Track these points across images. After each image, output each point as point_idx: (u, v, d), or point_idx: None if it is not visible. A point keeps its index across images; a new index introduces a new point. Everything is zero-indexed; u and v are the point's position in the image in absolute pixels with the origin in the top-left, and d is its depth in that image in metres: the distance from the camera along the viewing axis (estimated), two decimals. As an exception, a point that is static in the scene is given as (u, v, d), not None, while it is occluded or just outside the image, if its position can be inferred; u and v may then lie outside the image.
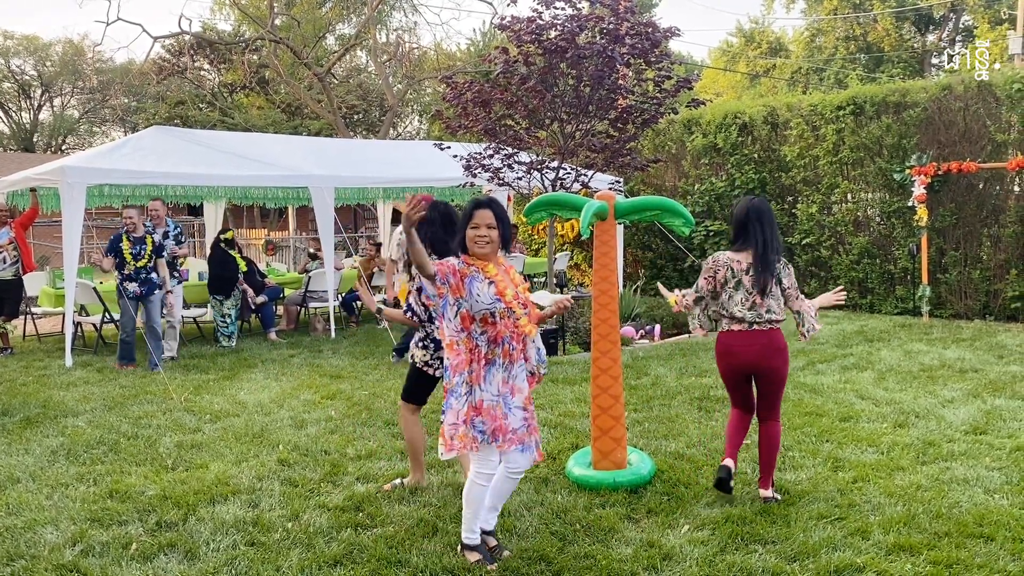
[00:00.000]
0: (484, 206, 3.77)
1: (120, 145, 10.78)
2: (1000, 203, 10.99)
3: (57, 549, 4.00)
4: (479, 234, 3.74)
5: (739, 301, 4.44)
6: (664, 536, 4.03)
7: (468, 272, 3.72)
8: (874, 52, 34.13)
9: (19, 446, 5.77)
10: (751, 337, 4.44)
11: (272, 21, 22.89)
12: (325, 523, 4.26)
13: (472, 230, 3.75)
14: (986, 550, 3.83)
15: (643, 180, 14.37)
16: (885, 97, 11.65)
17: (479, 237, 3.74)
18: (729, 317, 4.48)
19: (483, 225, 3.74)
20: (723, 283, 4.50)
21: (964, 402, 6.51)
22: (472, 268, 3.74)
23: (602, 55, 8.94)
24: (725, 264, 4.49)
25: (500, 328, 3.76)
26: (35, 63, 38.13)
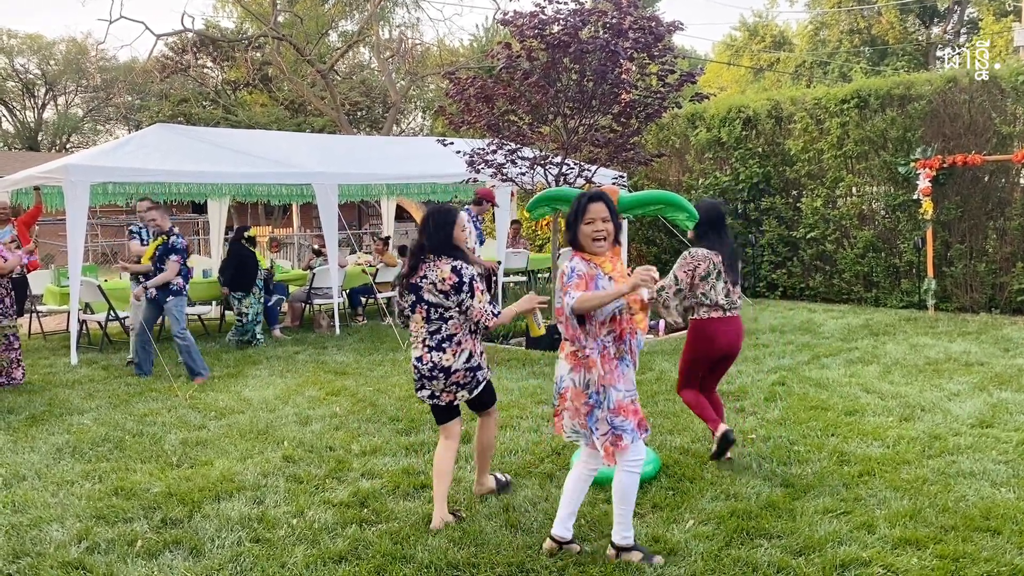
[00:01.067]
0: (596, 199, 3.65)
1: (124, 143, 10.79)
2: (1006, 196, 10.94)
3: (63, 546, 4.01)
4: (596, 229, 3.62)
5: (720, 290, 4.93)
6: (669, 531, 4.02)
7: (593, 273, 3.61)
8: (878, 45, 34.01)
9: (25, 444, 5.79)
10: (728, 322, 4.94)
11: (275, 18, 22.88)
12: (330, 519, 4.26)
13: (587, 225, 3.62)
14: (993, 544, 3.81)
15: (647, 175, 14.34)
16: (890, 90, 11.60)
17: (596, 232, 3.62)
18: (709, 305, 4.92)
19: (598, 219, 3.63)
20: (703, 276, 4.92)
21: (970, 395, 6.49)
22: (594, 267, 3.63)
23: (605, 50, 8.91)
24: (705, 259, 4.92)
25: (624, 325, 3.67)
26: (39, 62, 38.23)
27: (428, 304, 4.13)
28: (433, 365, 4.15)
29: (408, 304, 4.22)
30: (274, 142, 12.53)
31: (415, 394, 4.36)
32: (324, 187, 10.59)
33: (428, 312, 4.14)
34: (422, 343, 4.19)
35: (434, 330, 4.15)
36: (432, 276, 4.11)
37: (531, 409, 6.41)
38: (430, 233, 4.16)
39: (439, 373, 4.16)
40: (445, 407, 4.31)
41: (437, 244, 4.14)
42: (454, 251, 4.16)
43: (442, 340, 4.14)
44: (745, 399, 6.56)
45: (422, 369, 4.19)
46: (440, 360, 4.14)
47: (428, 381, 4.20)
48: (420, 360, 4.19)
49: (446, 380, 4.17)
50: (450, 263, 4.11)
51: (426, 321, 4.16)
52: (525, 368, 8.02)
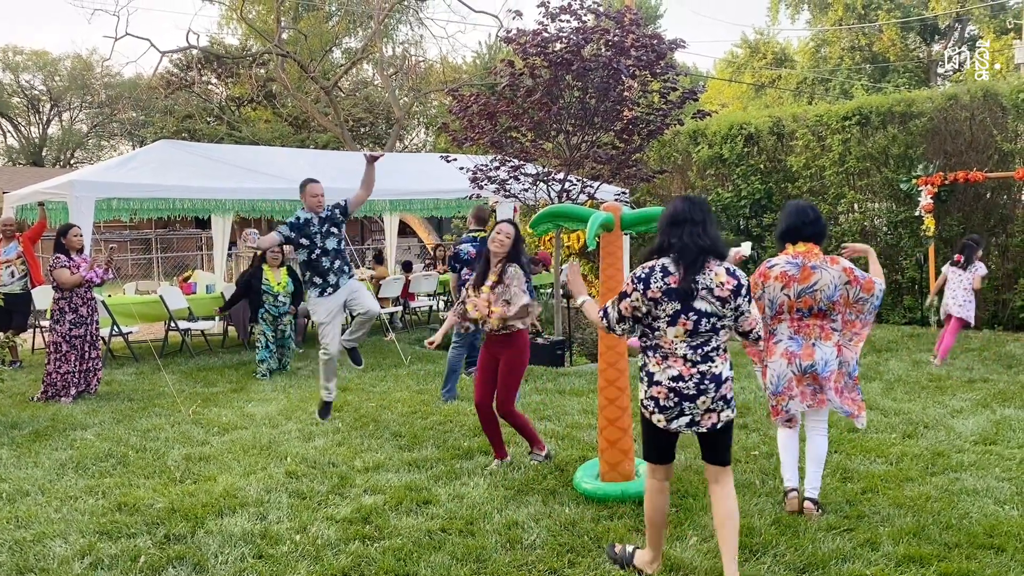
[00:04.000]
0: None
1: (128, 159, 10.85)
2: (1007, 213, 10.97)
3: (66, 562, 4.01)
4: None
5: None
6: (673, 548, 4.02)
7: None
8: (879, 62, 34.13)
9: (28, 459, 5.79)
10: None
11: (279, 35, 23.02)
12: (333, 535, 4.26)
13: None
14: (997, 561, 3.81)
15: (649, 191, 14.39)
16: (891, 107, 11.66)
17: None
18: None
19: None
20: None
21: (973, 412, 6.48)
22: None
23: (608, 67, 8.97)
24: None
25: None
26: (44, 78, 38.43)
27: (699, 313, 3.51)
28: (701, 376, 3.52)
29: (667, 314, 3.53)
30: (278, 158, 12.59)
31: (664, 426, 3.59)
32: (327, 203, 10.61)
33: (696, 323, 3.51)
34: (681, 359, 3.54)
35: (700, 343, 3.54)
36: (705, 281, 3.53)
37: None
38: (704, 230, 3.58)
39: (710, 383, 3.53)
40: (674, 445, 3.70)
41: (712, 244, 3.57)
42: (723, 251, 3.62)
43: (710, 351, 3.55)
44: (748, 416, 6.55)
45: (684, 388, 3.52)
46: (710, 369, 3.54)
47: (690, 402, 3.53)
48: (679, 378, 3.53)
49: (716, 391, 3.53)
50: (723, 265, 3.60)
51: (690, 335, 3.53)
52: (528, 383, 8.02)
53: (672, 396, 3.54)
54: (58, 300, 7.82)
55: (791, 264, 4.40)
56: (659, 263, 3.56)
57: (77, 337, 7.82)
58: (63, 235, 7.89)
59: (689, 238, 3.52)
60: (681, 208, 3.62)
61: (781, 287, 4.40)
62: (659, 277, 3.52)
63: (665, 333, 3.54)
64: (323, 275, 6.51)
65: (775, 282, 4.42)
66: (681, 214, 3.59)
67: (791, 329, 4.45)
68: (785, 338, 4.45)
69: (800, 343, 4.42)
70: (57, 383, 7.77)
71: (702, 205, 3.65)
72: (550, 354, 8.93)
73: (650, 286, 3.51)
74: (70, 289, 7.76)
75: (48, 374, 7.81)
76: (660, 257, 3.59)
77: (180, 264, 23.22)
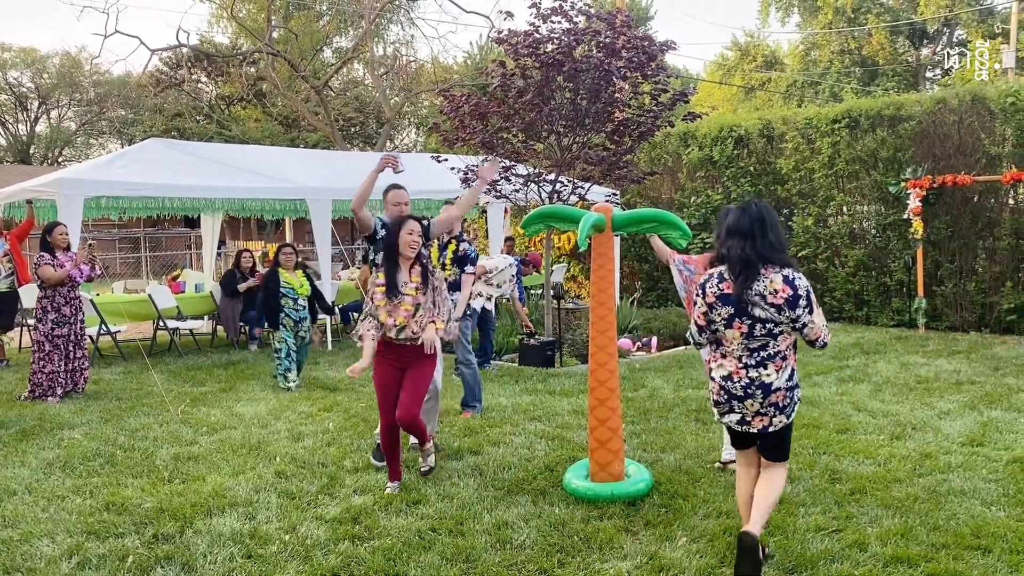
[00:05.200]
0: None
1: (117, 157, 10.80)
2: (995, 216, 11.04)
3: (54, 562, 3.98)
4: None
5: None
6: (662, 548, 4.03)
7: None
8: (869, 66, 34.31)
9: (15, 458, 5.76)
10: None
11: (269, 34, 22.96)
12: (322, 535, 4.25)
13: None
14: (983, 562, 3.83)
15: (639, 192, 14.41)
16: (880, 110, 11.72)
17: None
18: None
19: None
20: None
21: (960, 414, 6.52)
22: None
23: (599, 68, 8.98)
24: None
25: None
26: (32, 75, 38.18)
27: (753, 318, 3.62)
28: (750, 382, 3.66)
29: (722, 318, 3.69)
30: (268, 157, 12.55)
31: (718, 419, 3.85)
32: (318, 202, 10.61)
33: (752, 327, 3.64)
34: (736, 360, 3.70)
35: (757, 347, 3.66)
36: (759, 288, 3.60)
37: (524, 425, 6.41)
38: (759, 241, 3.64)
39: (757, 390, 3.65)
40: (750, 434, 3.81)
41: (765, 253, 3.63)
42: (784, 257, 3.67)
43: (767, 357, 3.65)
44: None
45: (732, 388, 3.71)
46: (759, 376, 3.65)
47: (739, 402, 3.70)
48: (730, 379, 3.72)
49: (764, 398, 3.65)
50: (780, 272, 3.61)
51: (746, 337, 3.65)
52: (518, 384, 8.03)
53: (722, 393, 3.75)
54: (41, 299, 7.78)
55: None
56: (717, 270, 3.76)
57: (60, 336, 7.77)
58: (48, 233, 7.84)
59: (739, 250, 3.63)
60: (734, 219, 3.73)
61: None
62: (715, 283, 3.72)
63: (725, 335, 3.73)
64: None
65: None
66: (734, 225, 3.70)
67: None
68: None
69: None
70: (43, 383, 7.73)
71: (758, 215, 3.69)
72: (540, 355, 8.93)
73: (707, 291, 3.74)
74: (53, 287, 7.71)
75: (33, 373, 7.77)
76: (720, 265, 3.77)
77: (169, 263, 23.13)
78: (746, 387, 3.67)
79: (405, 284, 4.87)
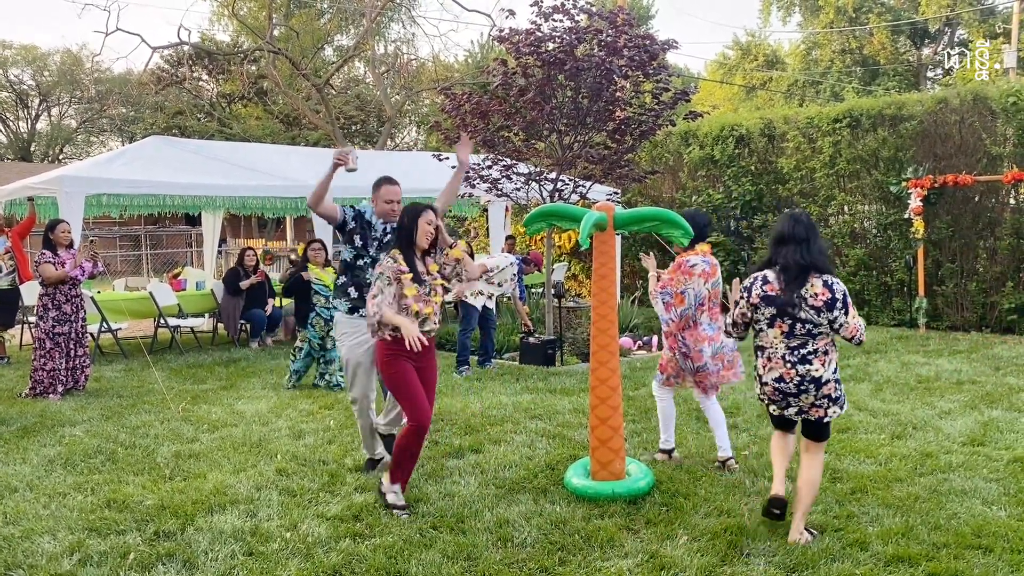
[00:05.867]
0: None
1: (118, 155, 10.80)
2: (996, 215, 11.04)
3: (55, 559, 3.99)
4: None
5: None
6: (663, 547, 4.03)
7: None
8: (870, 65, 34.29)
9: (16, 455, 5.76)
10: None
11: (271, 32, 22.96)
12: (324, 533, 4.25)
13: None
14: (984, 561, 3.83)
15: (640, 192, 14.41)
16: (881, 110, 11.72)
17: None
18: None
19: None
20: None
21: (961, 414, 6.53)
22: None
23: (600, 67, 8.98)
24: None
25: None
26: (33, 73, 38.16)
27: (794, 319, 3.92)
28: (801, 379, 3.94)
29: (765, 318, 4.00)
30: (268, 155, 12.55)
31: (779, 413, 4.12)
32: (319, 201, 10.59)
33: (792, 327, 3.94)
34: (781, 360, 3.98)
35: (797, 345, 3.95)
36: (803, 292, 3.90)
37: (525, 424, 6.41)
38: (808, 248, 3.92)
39: (810, 384, 3.94)
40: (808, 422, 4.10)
41: (813, 261, 3.92)
42: (826, 262, 3.98)
43: (808, 353, 3.94)
44: (738, 415, 6.58)
45: (786, 388, 3.99)
46: (808, 372, 3.93)
47: (795, 398, 4.00)
48: (781, 379, 3.99)
49: (817, 391, 3.94)
50: (820, 277, 3.91)
51: (787, 336, 3.95)
52: (519, 383, 8.03)
53: (777, 393, 4.07)
54: (42, 297, 7.78)
55: (705, 262, 5.20)
56: (762, 273, 4.07)
57: (61, 334, 7.77)
58: (50, 231, 7.84)
59: (798, 256, 3.91)
60: (786, 227, 4.01)
61: (703, 282, 5.16)
62: (759, 285, 4.04)
63: (767, 334, 4.05)
64: (360, 288, 5.15)
65: (699, 278, 5.15)
66: (786, 233, 3.98)
67: (709, 316, 5.20)
68: (705, 324, 5.18)
69: (715, 328, 5.19)
70: (44, 380, 7.73)
71: (806, 223, 3.99)
72: (541, 354, 8.94)
73: (752, 293, 4.06)
74: (54, 285, 7.71)
75: (35, 371, 7.78)
76: (765, 269, 4.08)
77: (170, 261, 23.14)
78: (799, 384, 3.97)
79: (426, 274, 4.61)
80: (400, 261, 4.48)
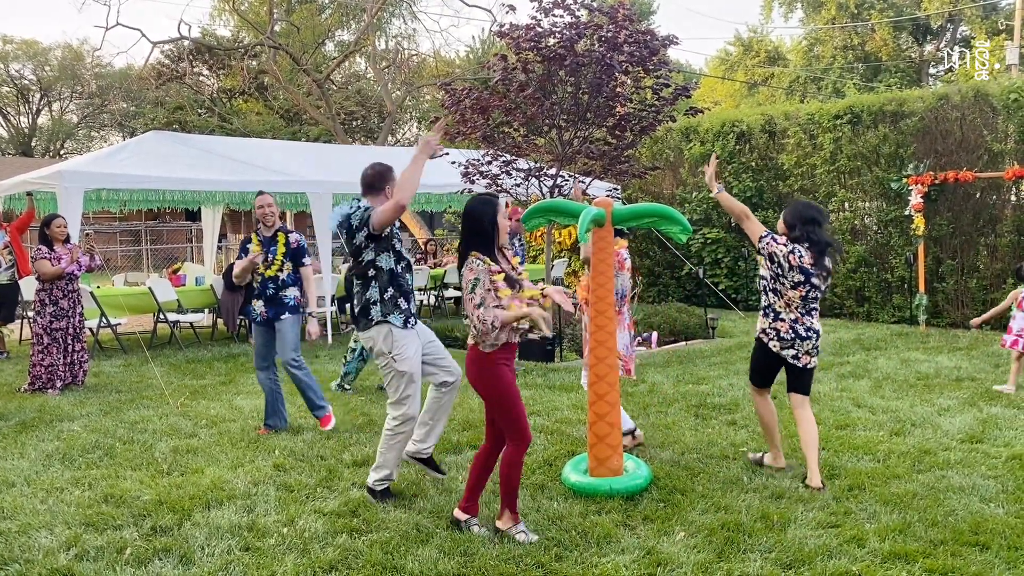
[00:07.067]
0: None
1: (118, 150, 10.80)
2: (997, 212, 11.02)
3: (51, 553, 3.98)
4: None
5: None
6: (660, 543, 4.02)
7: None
8: (872, 62, 34.23)
9: (14, 450, 5.76)
10: None
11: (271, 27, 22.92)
12: (320, 528, 4.25)
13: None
14: (982, 558, 3.83)
15: (641, 187, 14.39)
16: (882, 106, 11.69)
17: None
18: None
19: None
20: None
21: (960, 411, 6.52)
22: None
23: (600, 63, 8.96)
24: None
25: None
26: (34, 68, 38.14)
27: (812, 287, 4.80)
28: (808, 327, 4.84)
29: (791, 282, 4.79)
30: (269, 151, 12.55)
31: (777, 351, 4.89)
32: (318, 196, 10.60)
33: (808, 291, 4.80)
34: (795, 310, 4.84)
35: (810, 307, 4.85)
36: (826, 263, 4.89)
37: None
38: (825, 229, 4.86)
39: (813, 334, 4.87)
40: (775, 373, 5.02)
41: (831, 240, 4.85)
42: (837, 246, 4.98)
43: (811, 309, 4.87)
44: (736, 412, 6.57)
45: (799, 330, 4.83)
46: (813, 323, 4.86)
47: (801, 341, 4.84)
48: (797, 321, 4.84)
49: (815, 340, 4.88)
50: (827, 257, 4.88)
51: (803, 299, 4.82)
52: (517, 378, 8.00)
53: (790, 332, 4.86)
54: (39, 292, 7.77)
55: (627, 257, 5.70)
56: (796, 247, 4.78)
57: (58, 330, 7.77)
58: (47, 226, 7.83)
59: (822, 234, 4.81)
60: (815, 211, 4.89)
61: (628, 276, 5.69)
62: (799, 254, 4.77)
63: (789, 294, 4.82)
64: (407, 296, 4.67)
65: (627, 272, 5.64)
66: (816, 216, 4.85)
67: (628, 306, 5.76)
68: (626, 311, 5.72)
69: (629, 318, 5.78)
70: (42, 376, 7.73)
71: (823, 211, 4.95)
72: (540, 350, 8.93)
73: (791, 256, 4.76)
74: (51, 281, 7.71)
75: (33, 366, 7.78)
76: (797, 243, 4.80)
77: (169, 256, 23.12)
78: (807, 329, 4.85)
79: (511, 270, 4.20)
80: (489, 262, 4.04)
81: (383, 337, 4.54)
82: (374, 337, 4.57)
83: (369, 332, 4.58)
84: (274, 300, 6.12)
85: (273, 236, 6.19)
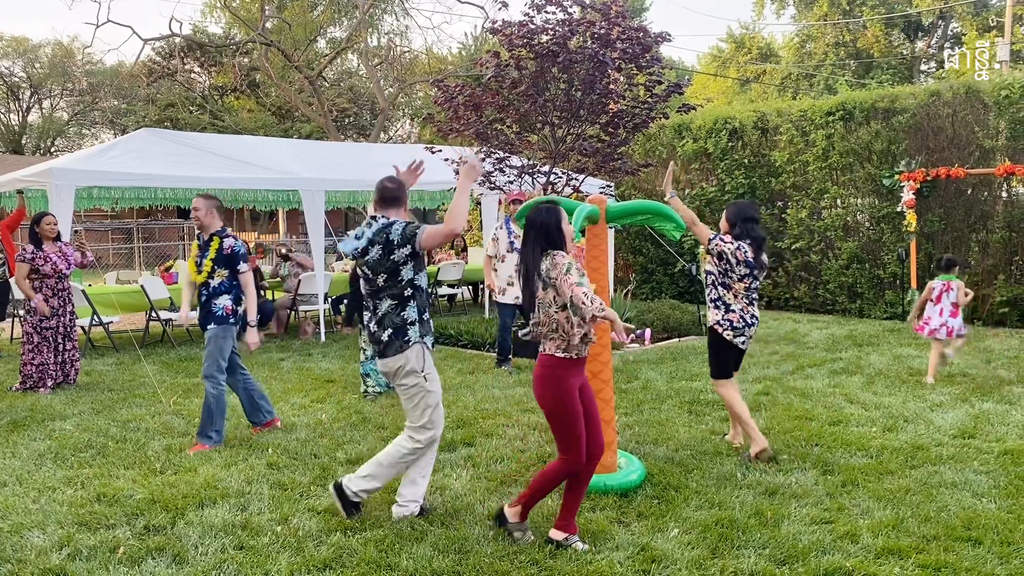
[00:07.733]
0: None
1: (110, 147, 10.73)
2: (988, 209, 11.06)
3: (44, 553, 3.97)
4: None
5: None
6: (654, 539, 4.03)
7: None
8: (864, 58, 34.31)
9: (6, 449, 5.73)
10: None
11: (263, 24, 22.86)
12: (314, 526, 4.24)
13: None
14: (974, 553, 3.84)
15: (634, 184, 14.40)
16: (874, 103, 11.72)
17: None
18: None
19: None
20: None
21: (952, 406, 6.54)
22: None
23: (593, 59, 8.96)
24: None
25: None
26: (24, 65, 37.93)
27: (754, 278, 5.28)
28: (753, 314, 5.35)
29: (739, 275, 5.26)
30: (261, 148, 12.48)
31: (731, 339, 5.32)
32: (311, 193, 10.57)
33: (751, 283, 5.29)
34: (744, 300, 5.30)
35: (752, 297, 5.33)
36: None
37: (517, 417, 6.41)
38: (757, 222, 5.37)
39: (756, 320, 5.38)
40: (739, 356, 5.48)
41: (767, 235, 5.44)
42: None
43: (754, 299, 5.35)
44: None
45: (746, 318, 5.31)
46: (755, 312, 5.39)
47: (747, 327, 5.32)
48: (744, 311, 5.30)
49: (756, 325, 5.41)
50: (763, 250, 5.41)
51: (747, 289, 5.29)
52: (511, 376, 8.02)
53: (740, 320, 5.31)
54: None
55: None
56: (741, 243, 5.22)
57: (49, 329, 7.73)
58: (36, 224, 7.79)
59: (759, 230, 5.31)
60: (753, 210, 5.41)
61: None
62: (744, 250, 5.21)
63: (736, 286, 5.28)
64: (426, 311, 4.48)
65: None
66: (754, 214, 5.35)
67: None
68: None
69: None
70: (34, 374, 7.70)
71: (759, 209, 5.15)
72: (534, 346, 8.90)
73: (738, 252, 5.20)
74: (41, 279, 7.66)
75: (24, 365, 7.74)
76: (739, 240, 5.24)
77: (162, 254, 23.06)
78: (752, 317, 5.36)
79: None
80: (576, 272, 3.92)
81: (416, 356, 4.25)
82: (408, 357, 4.23)
83: (404, 353, 4.23)
84: (204, 307, 5.80)
85: (208, 240, 5.86)
